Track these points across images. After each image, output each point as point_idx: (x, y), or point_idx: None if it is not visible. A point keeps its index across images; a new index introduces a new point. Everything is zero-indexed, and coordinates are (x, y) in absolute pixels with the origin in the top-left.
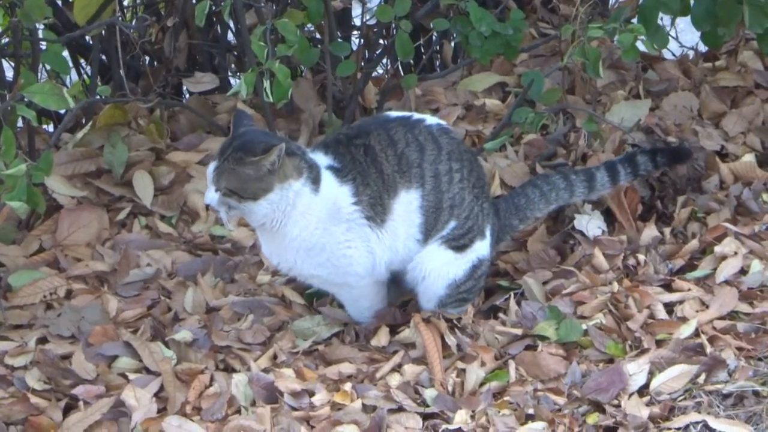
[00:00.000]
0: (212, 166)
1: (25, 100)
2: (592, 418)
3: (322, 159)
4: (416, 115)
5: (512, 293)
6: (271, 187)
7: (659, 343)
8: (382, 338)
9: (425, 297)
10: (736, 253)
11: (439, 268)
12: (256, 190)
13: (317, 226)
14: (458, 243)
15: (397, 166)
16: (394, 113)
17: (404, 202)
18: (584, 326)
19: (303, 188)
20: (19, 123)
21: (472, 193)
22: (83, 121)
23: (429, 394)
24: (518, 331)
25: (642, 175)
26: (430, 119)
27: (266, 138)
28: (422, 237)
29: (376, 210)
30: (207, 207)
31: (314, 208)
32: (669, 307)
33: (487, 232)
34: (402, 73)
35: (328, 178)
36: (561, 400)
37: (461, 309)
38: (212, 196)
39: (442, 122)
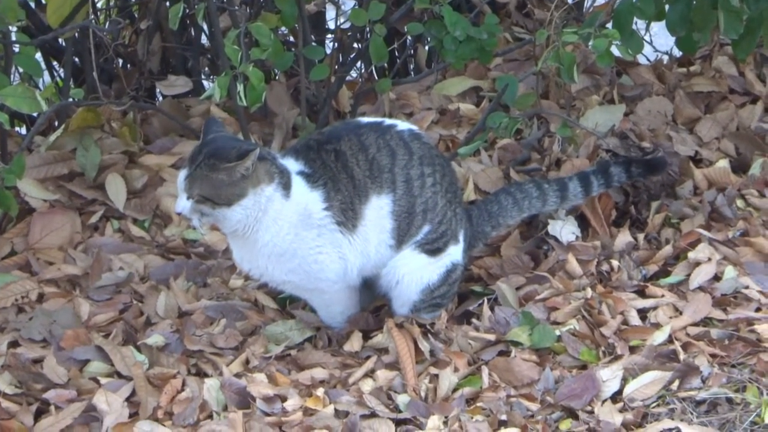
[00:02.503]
0: (183, 174)
1: None
2: (565, 425)
3: (292, 164)
4: (387, 121)
5: (485, 299)
6: (245, 192)
7: (633, 350)
8: (354, 343)
9: (399, 302)
10: (709, 260)
11: (413, 273)
12: (230, 196)
13: (288, 231)
14: (432, 247)
15: (368, 171)
16: (365, 119)
17: (375, 207)
18: (557, 332)
19: (274, 193)
20: None
21: (445, 198)
22: (56, 123)
23: (402, 399)
24: (491, 337)
25: (615, 185)
26: (402, 125)
27: (238, 143)
28: (395, 242)
29: (347, 215)
30: (178, 215)
31: (285, 214)
32: (642, 314)
33: (461, 237)
34: (376, 77)
35: (299, 184)
36: (534, 406)
37: (434, 314)
38: (184, 204)
39: (414, 127)
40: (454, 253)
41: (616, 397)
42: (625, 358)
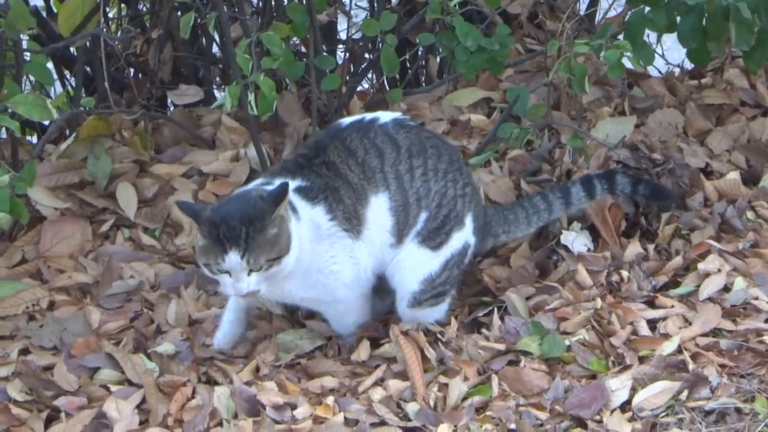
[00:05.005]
0: (235, 257)
1: (9, 110)
2: None
3: (290, 183)
4: (368, 116)
5: (495, 308)
6: (288, 230)
7: (642, 360)
8: (362, 353)
9: (399, 294)
10: (719, 271)
11: (414, 265)
12: (285, 241)
13: (307, 249)
14: (434, 242)
15: (362, 174)
16: (346, 119)
17: (375, 207)
18: (567, 342)
19: (292, 218)
20: (3, 133)
21: (443, 180)
22: (67, 132)
23: (411, 408)
24: (501, 346)
25: (618, 194)
26: (384, 116)
27: (254, 195)
28: (395, 239)
29: (352, 222)
30: (245, 296)
31: (301, 233)
32: (652, 324)
33: (467, 220)
34: (387, 88)
35: (300, 202)
36: (543, 416)
37: (439, 307)
38: (249, 280)
39: (397, 115)
40: (457, 242)
41: (625, 406)
42: (635, 368)
